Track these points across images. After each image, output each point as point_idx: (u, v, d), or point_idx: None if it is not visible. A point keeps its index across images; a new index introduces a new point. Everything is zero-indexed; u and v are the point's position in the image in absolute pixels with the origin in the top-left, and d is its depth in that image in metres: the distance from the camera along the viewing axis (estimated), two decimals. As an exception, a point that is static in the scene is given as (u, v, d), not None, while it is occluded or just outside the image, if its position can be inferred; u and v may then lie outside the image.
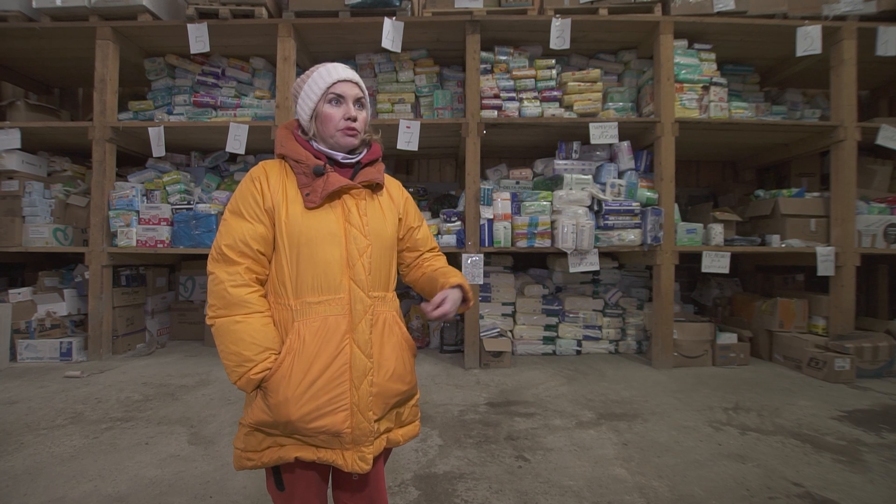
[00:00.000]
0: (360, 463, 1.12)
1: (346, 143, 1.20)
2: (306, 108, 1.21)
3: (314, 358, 1.10)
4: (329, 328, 1.12)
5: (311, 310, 1.12)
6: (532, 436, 2.52)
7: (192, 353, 4.24)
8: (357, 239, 1.16)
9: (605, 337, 4.33)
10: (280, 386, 1.08)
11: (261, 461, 1.14)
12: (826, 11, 3.89)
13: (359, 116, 1.21)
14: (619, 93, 4.24)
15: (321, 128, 1.20)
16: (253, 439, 1.14)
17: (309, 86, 1.20)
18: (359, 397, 1.12)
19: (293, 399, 1.08)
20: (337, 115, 1.18)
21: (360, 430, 1.12)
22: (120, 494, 1.93)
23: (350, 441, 1.11)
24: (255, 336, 1.10)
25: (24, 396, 3.06)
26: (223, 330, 1.11)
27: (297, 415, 1.08)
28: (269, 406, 1.10)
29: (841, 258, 3.85)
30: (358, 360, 1.13)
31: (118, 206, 3.99)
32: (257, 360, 1.09)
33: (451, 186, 5.35)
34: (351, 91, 1.21)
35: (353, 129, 1.20)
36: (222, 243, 1.13)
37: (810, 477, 2.09)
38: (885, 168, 4.43)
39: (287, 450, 1.13)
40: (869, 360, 3.55)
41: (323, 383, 1.10)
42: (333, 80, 1.19)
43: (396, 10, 3.87)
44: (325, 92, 1.19)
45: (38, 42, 4.21)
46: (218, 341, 1.12)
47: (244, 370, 1.09)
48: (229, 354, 1.10)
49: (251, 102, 4.24)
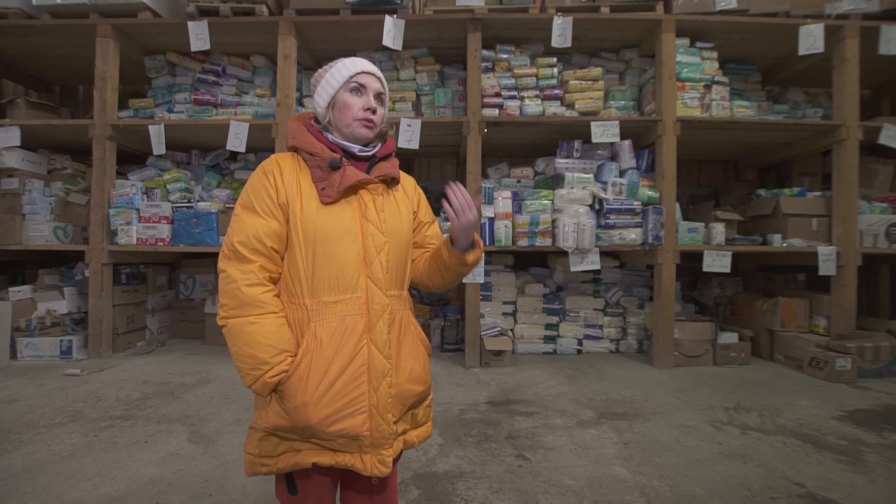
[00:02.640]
0: (379, 466, 1.08)
1: (361, 135, 1.17)
2: (325, 96, 1.18)
3: (332, 359, 1.06)
4: (346, 328, 1.08)
5: (327, 309, 1.09)
6: (532, 435, 2.51)
7: (192, 352, 4.23)
8: (374, 236, 1.12)
9: (606, 336, 4.32)
10: (298, 389, 1.04)
11: (276, 467, 1.10)
12: (828, 10, 3.87)
13: (378, 111, 1.18)
14: (620, 91, 4.22)
15: (338, 116, 1.17)
16: (267, 444, 1.10)
17: (332, 74, 1.18)
18: (378, 399, 1.09)
19: (312, 403, 1.04)
20: (357, 105, 1.16)
21: (380, 432, 1.08)
22: (119, 493, 1.93)
23: (369, 444, 1.08)
24: (270, 338, 1.05)
25: (24, 394, 3.06)
26: (236, 331, 1.06)
27: (315, 419, 1.04)
28: (287, 410, 1.06)
29: (842, 258, 3.84)
30: (376, 360, 1.10)
31: (118, 204, 3.98)
32: (273, 363, 1.05)
33: (451, 185, 5.33)
34: (373, 84, 1.19)
35: (371, 120, 1.17)
36: (235, 240, 1.08)
37: (812, 477, 2.08)
38: (888, 167, 4.41)
39: (304, 455, 1.10)
40: (870, 360, 3.54)
41: (341, 385, 1.06)
42: (358, 71, 1.17)
43: (397, 8, 3.85)
44: (347, 80, 1.16)
45: (39, 39, 4.20)
46: (231, 343, 1.07)
47: (259, 373, 1.05)
48: (243, 357, 1.06)
49: (252, 100, 4.23)
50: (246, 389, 3.05)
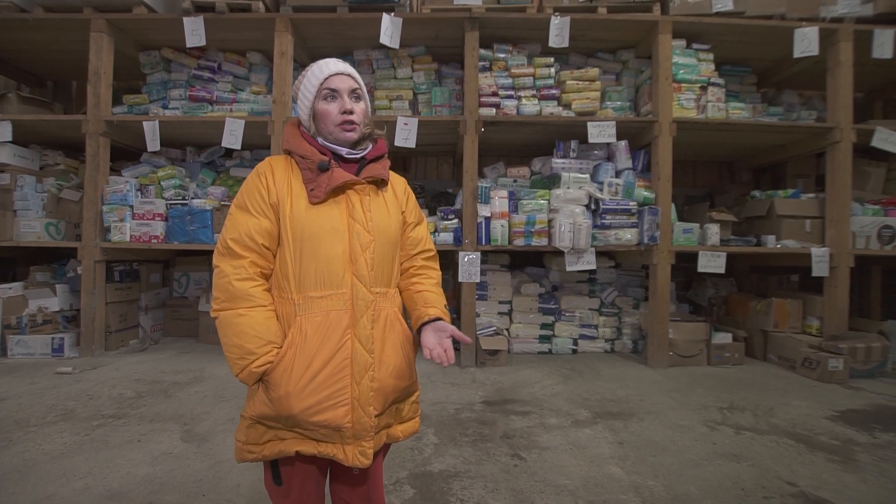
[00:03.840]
0: (360, 457, 1.13)
1: (345, 138, 1.21)
2: (305, 108, 1.23)
3: (315, 352, 1.11)
4: (331, 323, 1.13)
5: (313, 304, 1.14)
6: (528, 434, 2.52)
7: (185, 350, 4.20)
8: (360, 234, 1.17)
9: (601, 336, 4.33)
10: (282, 380, 1.10)
11: (262, 454, 1.16)
12: (823, 13, 3.90)
13: (356, 108, 1.20)
14: (617, 92, 4.24)
15: (320, 125, 1.21)
16: (254, 432, 1.15)
17: (304, 86, 1.22)
18: (360, 392, 1.13)
19: (294, 393, 1.09)
20: (333, 111, 1.19)
21: (361, 424, 1.13)
22: (112, 492, 1.91)
23: (351, 436, 1.12)
24: (257, 329, 1.11)
25: (15, 392, 3.03)
26: (227, 322, 1.12)
27: (298, 409, 1.09)
28: (271, 400, 1.11)
29: (835, 259, 3.87)
30: (359, 355, 1.14)
31: (112, 201, 3.94)
32: (259, 354, 1.11)
33: (448, 184, 5.33)
34: (344, 84, 1.21)
35: (350, 121, 1.19)
36: (228, 237, 1.15)
37: (804, 476, 2.10)
38: (880, 170, 4.46)
39: (288, 443, 1.15)
40: (862, 361, 3.58)
41: (324, 378, 1.11)
42: (325, 76, 1.20)
43: (395, 6, 3.84)
44: (318, 89, 1.20)
45: (31, 34, 4.15)
46: (221, 334, 1.13)
47: (246, 363, 1.10)
48: (232, 347, 1.11)
49: (247, 97, 4.20)
50: (239, 388, 3.03)
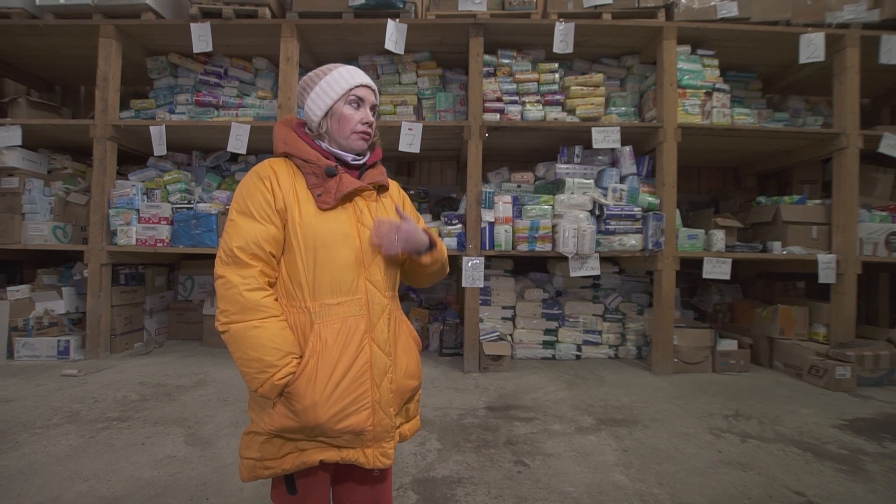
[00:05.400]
0: (382, 458, 1.14)
1: (358, 147, 1.22)
2: (321, 105, 1.19)
3: (338, 359, 1.10)
4: (350, 329, 1.13)
5: (330, 311, 1.12)
6: (531, 441, 2.50)
7: (190, 353, 4.21)
8: (370, 240, 1.17)
9: (605, 342, 4.31)
10: (307, 390, 1.07)
11: (281, 468, 1.12)
12: (829, 19, 3.90)
13: (373, 123, 1.24)
14: (621, 98, 4.24)
15: (336, 127, 1.19)
16: (271, 447, 1.12)
17: (327, 83, 1.19)
18: (380, 395, 1.14)
19: (321, 402, 1.07)
20: (356, 118, 1.19)
21: (382, 426, 1.14)
22: (115, 495, 1.91)
23: (372, 438, 1.13)
24: (275, 341, 1.07)
25: (21, 395, 3.04)
26: (240, 336, 1.07)
27: (325, 417, 1.07)
28: (296, 412, 1.07)
29: (842, 266, 3.84)
30: (378, 358, 1.15)
31: (118, 205, 3.98)
32: (280, 365, 1.07)
33: (452, 189, 5.34)
34: (370, 97, 1.23)
35: (368, 133, 1.22)
36: (233, 245, 1.09)
37: (812, 486, 2.07)
38: (887, 176, 4.42)
39: (310, 454, 1.13)
40: (870, 369, 3.54)
41: (347, 384, 1.10)
42: (357, 83, 1.20)
43: (400, 12, 3.87)
44: (346, 93, 1.19)
45: (41, 39, 4.21)
46: (234, 348, 1.08)
47: (267, 376, 1.06)
48: (249, 361, 1.06)
49: (253, 102, 4.23)
50: (243, 392, 3.03)
